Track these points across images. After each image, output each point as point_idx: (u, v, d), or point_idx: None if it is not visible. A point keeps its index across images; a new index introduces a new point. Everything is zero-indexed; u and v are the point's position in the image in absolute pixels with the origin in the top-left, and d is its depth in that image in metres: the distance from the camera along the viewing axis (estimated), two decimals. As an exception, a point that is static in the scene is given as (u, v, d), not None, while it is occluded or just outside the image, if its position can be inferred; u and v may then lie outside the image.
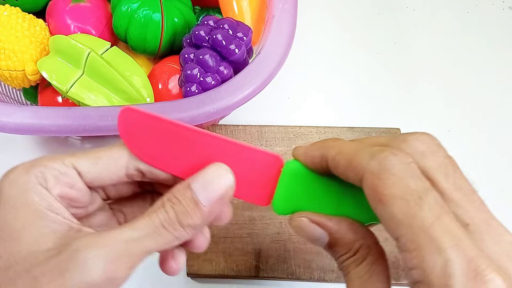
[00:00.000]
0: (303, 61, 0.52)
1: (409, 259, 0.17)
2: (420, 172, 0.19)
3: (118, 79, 0.35)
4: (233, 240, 0.40)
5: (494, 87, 0.52)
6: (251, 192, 0.24)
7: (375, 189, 0.18)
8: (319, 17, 0.56)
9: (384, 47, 0.54)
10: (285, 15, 0.37)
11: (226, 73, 0.35)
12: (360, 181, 0.19)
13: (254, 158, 0.23)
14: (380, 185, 0.18)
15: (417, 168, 0.19)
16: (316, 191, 0.23)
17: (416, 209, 0.17)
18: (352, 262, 0.21)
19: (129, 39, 0.39)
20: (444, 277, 0.16)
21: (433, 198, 0.18)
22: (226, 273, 0.39)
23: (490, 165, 0.47)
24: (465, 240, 0.17)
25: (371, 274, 0.20)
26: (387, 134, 0.45)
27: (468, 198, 0.19)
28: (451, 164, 0.20)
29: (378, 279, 0.20)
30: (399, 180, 0.18)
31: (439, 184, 0.19)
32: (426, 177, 0.19)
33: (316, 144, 0.22)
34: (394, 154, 0.19)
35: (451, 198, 0.19)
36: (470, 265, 0.16)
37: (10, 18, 0.36)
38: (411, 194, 0.18)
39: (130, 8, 0.37)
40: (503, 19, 0.56)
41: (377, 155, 0.19)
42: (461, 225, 0.18)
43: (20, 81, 0.37)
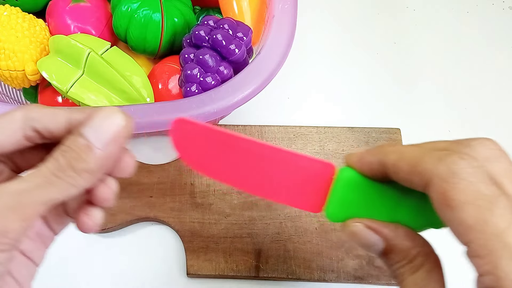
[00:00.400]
0: (303, 61, 0.52)
1: (481, 265, 0.17)
2: (489, 177, 0.18)
3: (118, 79, 0.35)
4: (233, 240, 0.40)
5: (494, 87, 0.52)
6: (302, 199, 0.24)
7: (444, 193, 0.18)
8: (319, 17, 0.56)
9: (384, 47, 0.54)
10: (285, 15, 0.37)
11: (226, 73, 0.35)
12: (425, 186, 0.19)
13: (307, 166, 0.23)
14: (449, 189, 0.18)
15: (486, 173, 0.18)
16: (371, 198, 0.23)
17: (487, 214, 0.17)
18: (408, 269, 0.21)
19: (129, 39, 0.39)
20: None
21: (504, 204, 0.18)
22: (226, 273, 0.39)
23: (490, 165, 0.47)
24: None
25: (428, 282, 0.20)
26: (387, 134, 0.45)
27: None
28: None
29: (435, 286, 0.20)
30: (469, 185, 0.18)
31: (507, 190, 0.19)
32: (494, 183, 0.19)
33: (372, 151, 0.22)
34: (462, 158, 0.19)
35: None
36: None
37: (10, 18, 0.36)
38: (482, 199, 0.18)
39: (130, 8, 0.37)
40: (503, 19, 0.56)
41: (445, 159, 0.19)
42: None
43: (20, 81, 0.37)
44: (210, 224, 0.41)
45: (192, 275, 0.39)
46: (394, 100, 0.51)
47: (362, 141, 0.45)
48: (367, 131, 0.45)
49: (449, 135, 0.49)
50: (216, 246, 0.40)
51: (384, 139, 0.45)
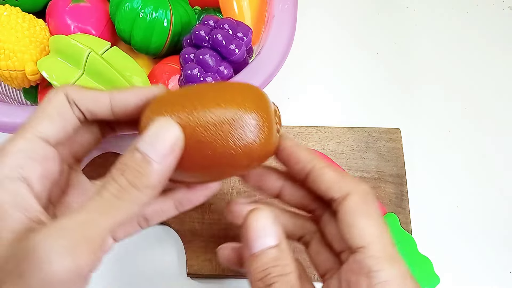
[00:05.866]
0: (303, 61, 0.52)
1: (375, 264, 0.21)
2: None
3: (118, 79, 0.35)
4: (233, 240, 0.40)
5: (494, 87, 0.52)
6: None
7: (362, 203, 0.24)
8: (319, 17, 0.56)
9: (384, 47, 0.54)
10: (285, 15, 0.37)
11: (226, 73, 0.35)
12: (343, 196, 0.23)
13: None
14: (366, 201, 0.24)
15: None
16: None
17: (385, 229, 0.23)
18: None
19: (133, 40, 0.39)
20: None
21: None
22: (226, 273, 0.39)
23: (490, 165, 0.47)
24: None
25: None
26: (387, 134, 0.45)
27: None
28: None
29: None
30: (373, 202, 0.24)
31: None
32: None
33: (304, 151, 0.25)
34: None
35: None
36: None
37: (10, 18, 0.36)
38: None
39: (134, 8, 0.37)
40: (503, 19, 0.56)
41: (361, 183, 0.24)
42: None
43: (20, 81, 0.37)
44: (210, 224, 0.41)
45: (192, 275, 0.39)
46: (394, 100, 0.51)
47: (362, 141, 0.45)
48: (367, 131, 0.45)
49: (449, 135, 0.49)
50: (216, 246, 0.40)
51: (384, 139, 0.45)
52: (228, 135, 0.21)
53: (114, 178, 0.19)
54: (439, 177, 0.46)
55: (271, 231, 0.21)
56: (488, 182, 0.46)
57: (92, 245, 0.18)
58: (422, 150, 0.48)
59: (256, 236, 0.21)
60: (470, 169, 0.47)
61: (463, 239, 0.43)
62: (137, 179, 0.19)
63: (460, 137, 0.49)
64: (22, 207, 0.19)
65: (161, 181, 0.20)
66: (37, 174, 0.20)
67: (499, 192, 0.46)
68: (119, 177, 0.19)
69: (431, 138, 0.48)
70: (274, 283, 0.20)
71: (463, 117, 0.50)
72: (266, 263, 0.21)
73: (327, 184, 0.23)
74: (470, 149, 0.48)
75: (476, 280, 0.42)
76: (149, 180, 0.19)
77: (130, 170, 0.19)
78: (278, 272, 0.20)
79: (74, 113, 0.22)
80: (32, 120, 0.21)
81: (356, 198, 0.22)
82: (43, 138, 0.20)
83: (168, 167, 0.20)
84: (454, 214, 0.45)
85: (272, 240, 0.21)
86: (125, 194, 0.19)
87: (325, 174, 0.23)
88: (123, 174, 0.19)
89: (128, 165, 0.19)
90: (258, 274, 0.21)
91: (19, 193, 0.19)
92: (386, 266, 0.21)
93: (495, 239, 0.43)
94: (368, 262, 0.21)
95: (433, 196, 0.45)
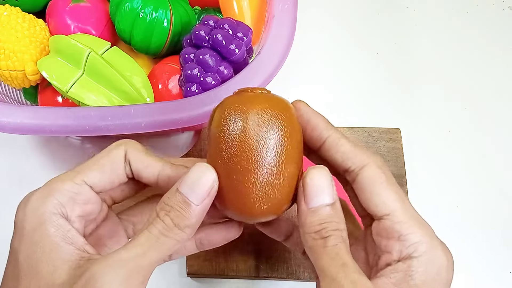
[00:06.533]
0: (303, 61, 0.52)
1: (405, 228, 0.22)
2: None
3: (118, 79, 0.35)
4: (233, 240, 0.40)
5: (494, 87, 0.52)
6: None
7: (380, 173, 0.24)
8: (319, 17, 0.56)
9: (384, 47, 0.54)
10: (285, 15, 0.37)
11: (226, 73, 0.35)
12: (360, 166, 0.24)
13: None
14: (384, 171, 0.24)
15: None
16: None
17: (405, 199, 0.24)
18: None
19: (133, 40, 0.39)
20: None
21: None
22: (226, 273, 0.39)
23: (490, 164, 0.47)
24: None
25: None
26: (387, 134, 0.45)
27: None
28: None
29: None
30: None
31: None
32: None
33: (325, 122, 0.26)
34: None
35: None
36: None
37: (10, 18, 0.36)
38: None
39: (134, 8, 0.37)
40: (503, 19, 0.56)
41: (376, 155, 0.24)
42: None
43: (20, 81, 0.37)
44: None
45: (192, 275, 0.39)
46: (394, 100, 0.51)
47: (362, 141, 0.45)
48: (367, 131, 0.45)
49: (449, 135, 0.49)
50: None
51: (384, 139, 0.45)
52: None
53: (160, 217, 0.22)
54: (439, 177, 0.46)
55: (329, 190, 0.22)
56: (488, 182, 0.46)
57: (143, 275, 0.21)
58: (422, 150, 0.48)
59: (316, 193, 0.22)
60: (470, 169, 0.47)
61: (463, 239, 0.43)
62: (179, 219, 0.21)
63: (460, 137, 0.49)
64: (69, 239, 0.21)
65: (198, 220, 0.22)
66: (75, 214, 0.23)
67: (499, 192, 0.46)
68: (164, 217, 0.22)
69: (431, 138, 0.48)
70: (330, 236, 0.22)
71: (463, 117, 0.50)
72: (323, 218, 0.22)
73: (344, 154, 0.24)
74: (470, 149, 0.48)
75: (476, 280, 0.42)
76: (190, 221, 0.22)
77: (174, 212, 0.22)
78: (334, 227, 0.22)
79: (125, 171, 0.25)
80: (86, 167, 0.24)
81: (373, 168, 0.23)
82: (90, 185, 0.23)
83: (206, 208, 0.22)
84: (454, 214, 0.45)
85: (329, 198, 0.22)
86: (170, 233, 0.21)
87: (342, 144, 0.24)
88: (168, 215, 0.22)
89: (172, 206, 0.22)
90: (315, 227, 0.22)
91: (64, 227, 0.22)
92: (415, 229, 0.22)
93: (495, 239, 0.43)
94: (397, 227, 0.22)
95: (433, 196, 0.45)
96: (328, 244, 0.21)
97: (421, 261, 0.22)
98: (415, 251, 0.22)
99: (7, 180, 0.45)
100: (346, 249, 0.22)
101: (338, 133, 0.24)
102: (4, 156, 0.47)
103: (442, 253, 0.22)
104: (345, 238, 0.22)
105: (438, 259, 0.22)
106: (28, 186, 0.23)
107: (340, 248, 0.21)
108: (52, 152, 0.47)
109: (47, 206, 0.22)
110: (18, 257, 0.21)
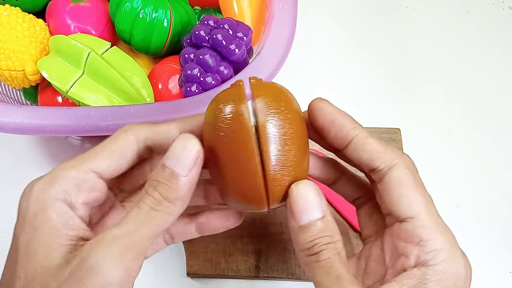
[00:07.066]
0: (303, 61, 0.52)
1: (428, 233, 0.22)
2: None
3: (118, 79, 0.35)
4: (233, 240, 0.40)
5: (494, 87, 0.52)
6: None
7: (409, 174, 0.24)
8: (319, 17, 0.56)
9: (384, 47, 0.54)
10: (285, 15, 0.37)
11: (226, 73, 0.35)
12: (388, 167, 0.24)
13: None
14: (413, 173, 0.24)
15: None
16: None
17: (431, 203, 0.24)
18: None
19: (133, 40, 0.39)
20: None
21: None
22: (226, 273, 0.39)
23: (490, 164, 0.47)
24: None
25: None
26: (387, 134, 0.45)
27: None
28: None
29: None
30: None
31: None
32: None
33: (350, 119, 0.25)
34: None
35: None
36: None
37: (10, 18, 0.36)
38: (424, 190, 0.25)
39: (134, 8, 0.37)
40: (503, 19, 0.56)
41: (404, 155, 0.24)
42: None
43: (20, 81, 0.37)
44: (210, 224, 0.41)
45: (192, 275, 0.39)
46: (394, 100, 0.51)
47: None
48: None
49: (449, 135, 0.49)
50: (216, 246, 0.40)
51: (384, 139, 0.45)
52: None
53: (149, 192, 0.21)
54: (439, 177, 0.46)
55: (316, 204, 0.22)
56: (488, 182, 0.46)
57: (137, 251, 0.20)
58: (422, 150, 0.48)
59: (303, 210, 0.22)
60: (470, 169, 0.47)
61: (463, 239, 0.43)
62: (168, 192, 0.21)
63: (460, 137, 0.49)
64: (70, 226, 0.21)
65: (188, 192, 0.22)
66: (80, 201, 0.22)
67: (499, 192, 0.46)
68: (152, 191, 0.21)
69: (431, 138, 0.48)
70: (322, 250, 0.21)
71: (463, 117, 0.50)
72: (314, 234, 0.22)
73: (371, 154, 0.23)
74: (470, 149, 0.48)
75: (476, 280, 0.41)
76: (179, 193, 0.21)
77: (162, 185, 0.21)
78: (326, 241, 0.22)
79: (139, 152, 0.24)
80: (93, 153, 0.23)
81: (402, 169, 0.23)
82: (96, 172, 0.23)
83: (194, 179, 0.22)
84: (454, 214, 0.45)
85: (318, 212, 0.22)
86: (160, 206, 0.21)
87: (370, 143, 0.23)
88: (156, 189, 0.21)
89: (159, 181, 0.21)
90: (306, 244, 0.22)
91: (67, 213, 0.21)
92: (437, 236, 0.22)
93: (495, 239, 0.43)
94: (419, 232, 0.22)
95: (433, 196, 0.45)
96: (321, 259, 0.21)
97: (437, 270, 0.21)
98: (433, 258, 0.21)
99: (7, 180, 0.45)
100: (340, 261, 0.21)
101: (365, 132, 0.24)
102: (4, 156, 0.47)
103: (461, 264, 0.22)
104: (340, 249, 0.22)
105: (456, 270, 0.21)
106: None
107: (334, 261, 0.21)
108: (52, 152, 0.47)
109: (51, 192, 0.22)
110: (18, 243, 0.21)
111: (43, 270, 0.20)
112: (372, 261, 0.25)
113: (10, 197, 0.40)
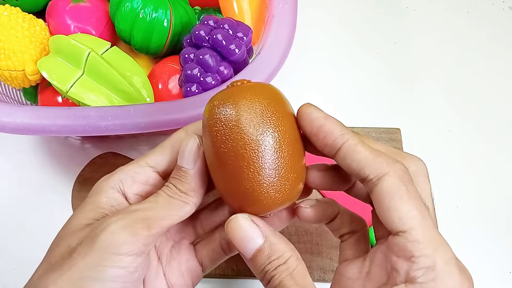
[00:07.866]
0: (303, 61, 0.52)
1: (420, 249, 0.21)
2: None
3: (118, 79, 0.35)
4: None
5: (494, 87, 0.52)
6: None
7: (400, 183, 0.22)
8: (319, 17, 0.56)
9: (384, 47, 0.54)
10: (285, 15, 0.37)
11: (226, 73, 0.35)
12: (379, 176, 0.22)
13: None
14: (407, 182, 0.23)
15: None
16: None
17: (425, 212, 0.23)
18: (285, 269, 0.22)
19: (133, 40, 0.39)
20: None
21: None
22: (226, 273, 0.39)
23: (490, 164, 0.47)
24: None
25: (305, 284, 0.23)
26: (387, 134, 0.45)
27: None
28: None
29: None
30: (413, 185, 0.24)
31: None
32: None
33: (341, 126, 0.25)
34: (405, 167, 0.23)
35: None
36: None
37: (10, 18, 0.36)
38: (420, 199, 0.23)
39: (134, 8, 0.37)
40: (503, 19, 0.56)
41: (397, 163, 0.23)
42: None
43: (20, 81, 0.37)
44: (210, 224, 0.40)
45: (192, 275, 0.39)
46: (394, 100, 0.51)
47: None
48: (367, 131, 0.45)
49: (449, 135, 0.49)
50: (216, 246, 0.40)
51: (384, 139, 0.45)
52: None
53: (167, 185, 0.24)
54: (439, 177, 0.46)
55: (253, 233, 0.22)
56: (488, 182, 0.46)
57: (148, 223, 0.22)
58: (422, 150, 0.48)
59: (243, 242, 0.22)
60: (470, 169, 0.47)
61: (463, 239, 0.43)
62: (180, 185, 0.24)
63: (460, 137, 0.49)
64: (115, 209, 0.24)
65: (197, 183, 0.24)
66: (133, 191, 0.25)
67: (499, 192, 0.46)
68: (170, 184, 0.24)
69: (431, 138, 0.48)
70: (273, 277, 0.22)
71: (463, 117, 0.50)
72: (262, 263, 0.22)
73: (360, 163, 0.22)
74: (470, 149, 0.48)
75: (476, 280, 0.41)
76: (190, 185, 0.24)
77: (175, 180, 0.24)
78: (274, 265, 0.22)
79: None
80: (151, 151, 0.26)
81: (393, 179, 0.21)
82: (151, 166, 0.26)
83: (201, 171, 0.24)
84: (454, 214, 0.45)
85: (258, 239, 0.22)
86: (176, 195, 0.24)
87: (359, 151, 0.22)
88: (171, 182, 0.24)
89: (174, 177, 0.25)
90: (259, 274, 0.23)
91: (117, 200, 0.24)
92: (429, 252, 0.20)
93: (495, 239, 0.43)
94: (410, 247, 0.20)
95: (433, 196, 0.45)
96: (274, 285, 0.22)
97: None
98: (422, 276, 0.20)
99: (7, 180, 0.45)
100: (293, 280, 0.21)
101: (355, 139, 0.22)
102: (4, 156, 0.47)
103: (456, 281, 0.20)
104: (292, 266, 0.22)
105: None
106: (28, 186, 0.23)
107: (286, 283, 0.21)
108: (52, 152, 0.47)
109: (108, 181, 0.25)
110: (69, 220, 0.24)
111: (71, 231, 0.23)
112: (375, 265, 0.24)
113: (10, 197, 0.40)
